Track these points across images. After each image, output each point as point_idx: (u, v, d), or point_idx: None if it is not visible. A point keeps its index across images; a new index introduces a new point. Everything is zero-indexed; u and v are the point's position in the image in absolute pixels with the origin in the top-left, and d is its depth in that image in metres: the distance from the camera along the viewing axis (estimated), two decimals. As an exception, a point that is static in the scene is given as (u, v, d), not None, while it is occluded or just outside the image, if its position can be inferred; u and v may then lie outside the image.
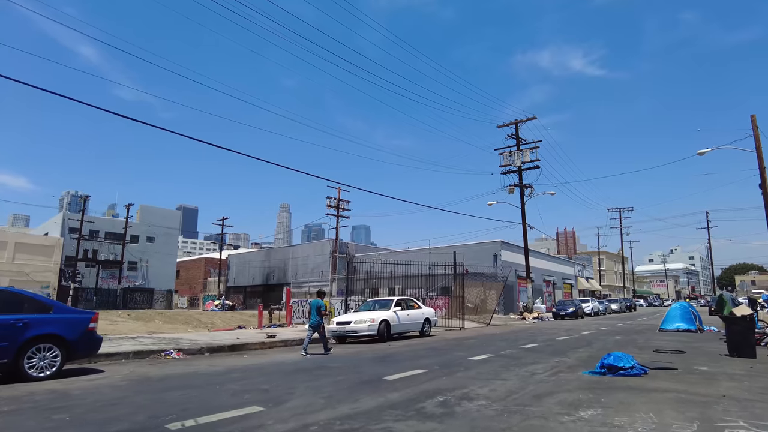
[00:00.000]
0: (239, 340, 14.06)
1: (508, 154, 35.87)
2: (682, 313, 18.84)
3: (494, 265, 39.18)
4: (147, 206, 67.69)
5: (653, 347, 12.23)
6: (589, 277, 69.85)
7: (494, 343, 13.68)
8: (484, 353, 10.94)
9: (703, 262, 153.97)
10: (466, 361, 9.52)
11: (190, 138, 15.33)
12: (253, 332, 17.45)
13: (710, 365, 8.82)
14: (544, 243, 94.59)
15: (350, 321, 14.48)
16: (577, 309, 34.39)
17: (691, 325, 18.23)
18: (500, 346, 12.68)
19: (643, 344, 13.23)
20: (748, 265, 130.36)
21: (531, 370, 8.31)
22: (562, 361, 9.57)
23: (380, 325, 14.50)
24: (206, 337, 15.02)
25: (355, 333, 14.26)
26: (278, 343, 14.10)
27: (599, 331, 19.17)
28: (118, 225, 62.06)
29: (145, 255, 65.05)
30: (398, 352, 11.57)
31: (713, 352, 11.15)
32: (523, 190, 35.26)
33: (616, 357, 7.74)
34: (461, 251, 41.70)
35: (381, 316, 14.78)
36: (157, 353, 11.12)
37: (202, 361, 10.29)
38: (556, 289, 51.76)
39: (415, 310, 16.72)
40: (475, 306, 32.35)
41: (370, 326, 14.25)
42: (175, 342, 12.78)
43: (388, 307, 15.58)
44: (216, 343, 12.92)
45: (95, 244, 60.77)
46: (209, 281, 75.46)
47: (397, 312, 15.41)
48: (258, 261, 64.43)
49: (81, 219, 56.76)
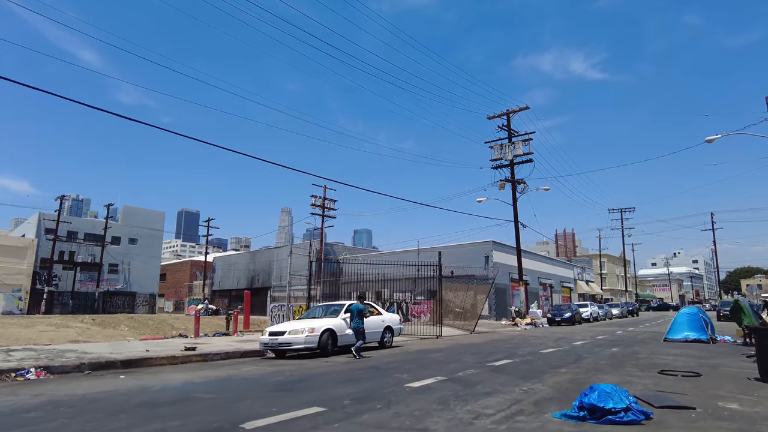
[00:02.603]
0: (148, 352, 11.43)
1: (499, 147, 33.20)
2: (691, 320, 16.12)
3: (485, 266, 36.45)
4: (130, 207, 65.20)
5: (658, 365, 9.54)
6: (590, 281, 66.95)
7: (459, 359, 10.99)
8: (435, 376, 8.27)
9: (707, 265, 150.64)
10: (399, 391, 6.86)
11: (189, 138, 12.94)
12: (192, 341, 14.79)
13: (741, 399, 6.14)
14: (546, 246, 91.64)
15: (284, 331, 11.77)
16: (574, 314, 31.58)
17: (701, 335, 15.52)
18: (463, 365, 9.99)
19: (645, 360, 10.53)
20: (753, 268, 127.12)
21: (479, 408, 5.64)
22: (531, 390, 6.89)
23: (322, 336, 11.81)
24: (110, 348, 12.36)
25: (289, 346, 11.57)
26: (195, 358, 11.43)
27: (595, 341, 16.45)
28: (98, 226, 59.55)
29: (127, 257, 62.46)
30: (324, 373, 8.90)
31: (738, 374, 8.46)
32: (515, 185, 32.55)
33: (602, 393, 5.07)
34: (451, 252, 39.05)
35: (324, 324, 12.09)
36: (8, 372, 8.49)
37: (53, 385, 7.63)
38: (553, 293, 48.95)
39: (375, 317, 14.03)
40: (464, 311, 29.50)
41: (307, 338, 11.55)
42: (54, 356, 10.13)
43: (337, 313, 12.91)
44: (110, 357, 10.26)
45: (73, 245, 58.19)
46: (195, 284, 72.82)
47: (347, 320, 12.72)
48: (243, 264, 61.72)
49: (57, 219, 54.25)
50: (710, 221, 66.47)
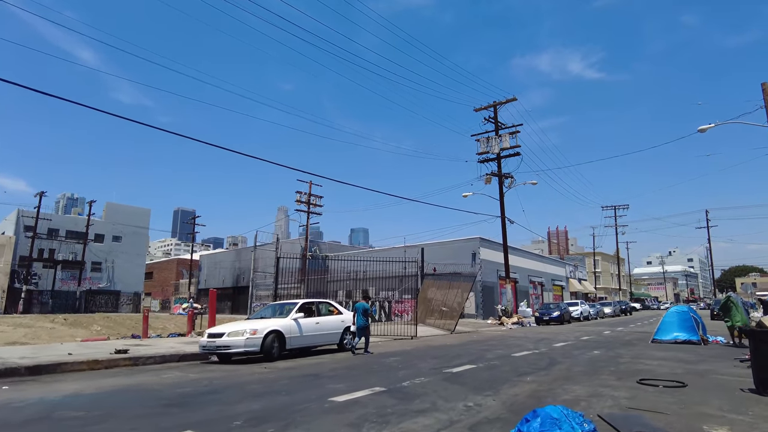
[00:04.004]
0: (71, 356, 10.11)
1: (486, 140, 31.93)
2: (681, 319, 14.89)
3: (472, 263, 35.22)
4: (113, 204, 63.62)
5: (640, 372, 8.30)
6: (582, 279, 65.83)
7: (416, 365, 9.72)
8: (374, 386, 7.00)
9: (702, 264, 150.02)
10: (315, 407, 5.57)
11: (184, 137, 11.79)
12: (134, 343, 13.46)
13: (733, 420, 4.89)
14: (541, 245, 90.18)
15: (224, 333, 10.47)
16: (563, 313, 30.38)
17: (692, 335, 14.30)
18: (416, 371, 8.72)
19: (626, 366, 9.28)
20: (748, 267, 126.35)
21: (395, 435, 4.38)
22: (476, 407, 5.61)
23: (266, 338, 10.49)
24: (31, 351, 11.02)
25: (228, 349, 10.26)
26: (123, 362, 10.11)
27: (578, 342, 15.21)
28: (81, 223, 57.96)
29: (111, 255, 60.89)
30: (246, 384, 7.59)
31: (729, 383, 7.22)
32: (502, 179, 31.29)
33: (547, 420, 3.79)
34: (438, 249, 37.79)
35: (270, 326, 10.77)
36: None
37: None
38: (544, 291, 47.75)
39: (333, 316, 12.74)
40: (450, 310, 28.24)
41: (248, 340, 10.24)
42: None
43: (287, 312, 11.59)
44: (17, 362, 8.94)
45: (54, 243, 56.60)
46: (181, 283, 71.31)
47: (299, 320, 11.41)
48: (229, 262, 60.33)
49: (36, 216, 52.69)
50: (705, 219, 65.54)
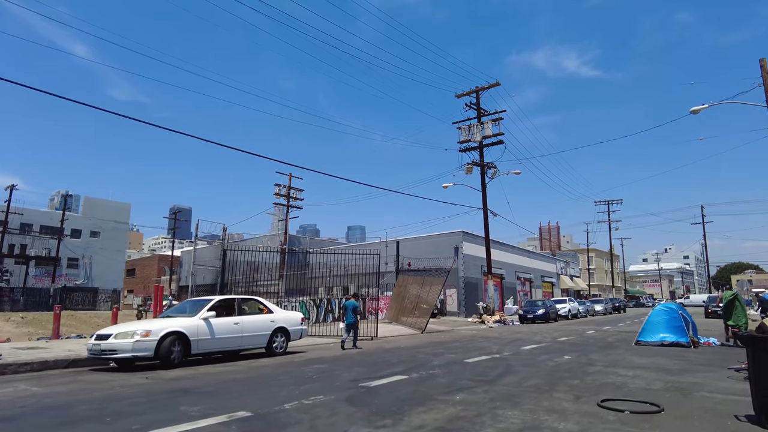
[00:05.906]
0: None
1: (467, 128, 30.11)
2: (669, 318, 13.09)
3: (455, 259, 33.42)
4: (91, 198, 61.62)
5: (607, 387, 6.48)
6: (575, 276, 64.13)
7: (337, 375, 7.87)
8: (237, 412, 5.16)
9: (698, 261, 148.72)
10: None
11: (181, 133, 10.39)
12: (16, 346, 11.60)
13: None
14: (536, 242, 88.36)
15: (111, 334, 8.62)
16: (549, 311, 28.59)
17: (680, 337, 12.52)
18: (326, 385, 6.88)
19: (593, 378, 7.46)
20: (744, 264, 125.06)
21: None
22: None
23: (163, 340, 8.63)
24: None
25: (113, 353, 8.40)
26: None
27: (552, 345, 13.41)
28: (56, 218, 55.96)
29: (89, 251, 58.93)
30: (84, 402, 5.72)
31: (720, 405, 5.39)
32: (485, 169, 29.47)
33: None
34: (420, 243, 35.99)
35: (169, 326, 8.91)
36: None
37: None
38: (533, 288, 46.03)
39: (259, 316, 10.87)
40: (429, 307, 26.39)
41: (137, 344, 8.37)
42: None
43: (198, 310, 9.73)
44: None
45: (27, 238, 54.58)
46: (162, 280, 69.38)
47: (210, 320, 9.56)
48: (208, 258, 58.40)
49: (6, 210, 50.62)
50: (701, 215, 63.96)
